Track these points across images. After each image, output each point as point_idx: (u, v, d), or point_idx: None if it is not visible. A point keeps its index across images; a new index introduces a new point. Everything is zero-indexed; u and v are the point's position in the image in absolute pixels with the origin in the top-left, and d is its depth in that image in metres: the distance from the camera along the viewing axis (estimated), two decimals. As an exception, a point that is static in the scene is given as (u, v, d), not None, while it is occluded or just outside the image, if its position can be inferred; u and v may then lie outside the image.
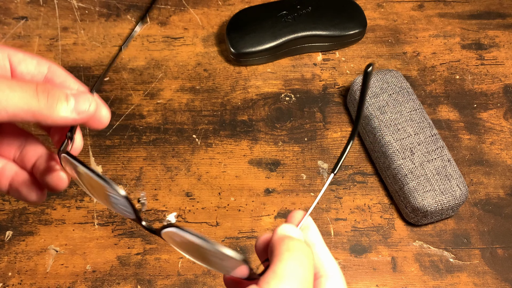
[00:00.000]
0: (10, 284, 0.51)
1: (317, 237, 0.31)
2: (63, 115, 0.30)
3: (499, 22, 0.68)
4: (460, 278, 0.52)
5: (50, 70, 0.34)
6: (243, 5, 0.69)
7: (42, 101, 0.29)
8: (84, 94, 0.32)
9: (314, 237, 0.31)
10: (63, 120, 0.30)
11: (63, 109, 0.30)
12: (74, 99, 0.31)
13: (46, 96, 0.30)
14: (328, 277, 0.30)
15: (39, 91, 0.29)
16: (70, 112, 0.31)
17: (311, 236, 0.31)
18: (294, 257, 0.27)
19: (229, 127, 0.60)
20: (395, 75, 0.59)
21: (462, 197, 0.53)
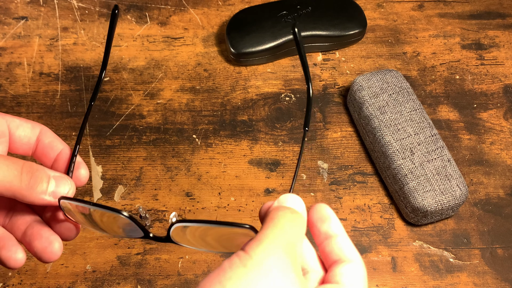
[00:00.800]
0: (10, 284, 0.51)
1: (338, 227, 0.32)
2: (41, 197, 0.33)
3: (499, 22, 0.68)
4: (460, 278, 0.53)
5: (42, 132, 0.37)
6: (243, 5, 0.69)
7: (24, 181, 0.32)
8: (63, 178, 0.34)
9: (335, 227, 0.32)
10: (40, 202, 0.33)
11: (42, 192, 0.33)
12: (55, 183, 0.33)
13: (30, 177, 0.32)
14: (349, 262, 0.31)
15: (23, 171, 0.32)
16: (48, 196, 0.33)
17: (333, 226, 0.32)
18: (276, 223, 0.29)
19: (229, 127, 0.60)
20: (395, 75, 0.59)
21: (462, 197, 0.53)
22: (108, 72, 0.63)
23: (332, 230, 0.32)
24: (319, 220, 0.32)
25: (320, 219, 0.32)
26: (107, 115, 0.60)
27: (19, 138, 0.36)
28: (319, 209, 0.33)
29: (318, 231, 0.33)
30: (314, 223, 0.33)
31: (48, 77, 0.63)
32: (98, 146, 0.59)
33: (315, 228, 0.33)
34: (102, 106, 0.61)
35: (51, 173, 0.34)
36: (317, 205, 0.33)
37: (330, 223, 0.32)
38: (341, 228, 0.33)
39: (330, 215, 0.33)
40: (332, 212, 0.33)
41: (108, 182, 0.56)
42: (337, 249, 0.32)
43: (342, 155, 0.59)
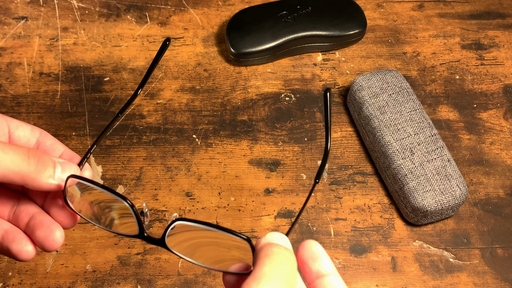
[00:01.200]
0: (10, 284, 0.51)
1: (329, 266, 0.32)
2: (48, 182, 0.33)
3: (499, 22, 0.68)
4: (460, 278, 0.53)
5: (42, 135, 0.38)
6: (243, 5, 0.69)
7: (32, 166, 0.32)
8: (69, 164, 0.35)
9: (326, 266, 0.32)
10: (48, 186, 0.33)
11: (50, 176, 0.33)
12: (61, 167, 0.34)
13: (37, 161, 0.32)
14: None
15: (30, 156, 0.32)
16: (55, 180, 0.33)
17: (324, 265, 0.32)
18: (272, 261, 0.28)
19: (229, 127, 0.60)
20: (395, 75, 0.59)
21: (462, 197, 0.53)
22: (108, 72, 0.63)
23: (323, 269, 0.32)
24: (309, 258, 0.32)
25: (311, 257, 0.32)
26: (107, 115, 0.60)
27: (18, 138, 0.36)
28: (309, 247, 0.32)
29: (309, 269, 0.32)
30: (304, 262, 0.32)
31: (48, 77, 0.63)
32: (98, 146, 0.59)
33: (306, 266, 0.32)
34: (102, 106, 0.61)
35: (56, 159, 0.34)
36: (307, 242, 0.32)
37: (321, 261, 0.32)
38: (332, 266, 0.32)
39: (320, 253, 0.32)
40: (322, 250, 0.32)
41: (108, 182, 0.56)
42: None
43: (342, 155, 0.59)
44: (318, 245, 0.32)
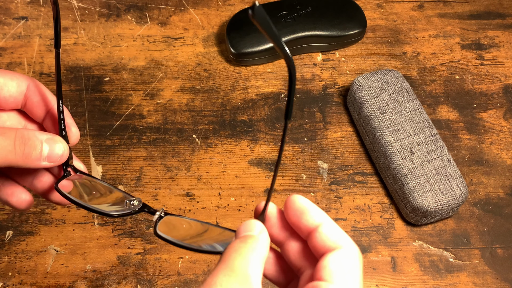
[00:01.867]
0: (10, 284, 0.51)
1: (319, 215, 0.30)
2: (37, 164, 0.34)
3: (499, 22, 0.68)
4: (460, 278, 0.53)
5: (29, 89, 0.37)
6: (243, 5, 0.69)
7: (18, 153, 0.33)
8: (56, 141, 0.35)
9: (316, 216, 0.30)
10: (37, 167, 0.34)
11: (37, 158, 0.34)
12: (49, 146, 0.34)
13: (24, 147, 0.33)
14: (337, 249, 0.29)
15: (16, 142, 0.33)
16: (43, 161, 0.34)
17: (314, 216, 0.30)
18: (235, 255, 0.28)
19: (229, 127, 0.60)
20: (395, 75, 0.59)
21: (462, 197, 0.53)
22: (108, 72, 0.63)
23: (313, 221, 0.30)
24: (296, 215, 0.30)
25: (297, 214, 0.30)
26: (107, 115, 0.61)
27: (4, 99, 0.36)
28: (292, 204, 0.31)
29: (299, 227, 0.30)
30: (292, 221, 0.31)
31: (48, 77, 0.63)
32: (98, 146, 0.59)
33: (295, 225, 0.31)
34: (102, 106, 0.61)
35: (43, 137, 0.34)
36: (289, 199, 0.31)
37: (309, 214, 0.30)
38: (322, 215, 0.30)
39: (306, 206, 0.30)
40: (308, 202, 0.31)
41: (108, 182, 0.56)
42: (323, 239, 0.29)
43: (342, 155, 0.59)
44: (302, 198, 0.31)
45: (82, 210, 0.55)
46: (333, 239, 0.29)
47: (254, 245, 0.29)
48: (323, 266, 0.28)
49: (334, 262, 0.28)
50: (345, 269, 0.28)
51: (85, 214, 0.55)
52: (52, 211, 0.55)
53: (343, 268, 0.28)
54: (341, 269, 0.28)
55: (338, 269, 0.28)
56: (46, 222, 0.54)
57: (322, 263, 0.29)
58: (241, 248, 0.28)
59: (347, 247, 0.29)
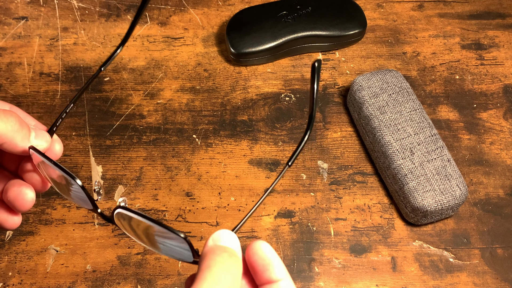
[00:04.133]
0: (10, 284, 0.51)
1: (281, 271, 0.30)
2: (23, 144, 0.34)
3: (499, 22, 0.68)
4: (460, 278, 0.53)
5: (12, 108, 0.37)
6: (243, 5, 0.69)
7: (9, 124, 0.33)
8: (41, 131, 0.36)
9: (278, 272, 0.30)
10: (22, 148, 0.34)
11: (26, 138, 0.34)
12: (35, 133, 0.35)
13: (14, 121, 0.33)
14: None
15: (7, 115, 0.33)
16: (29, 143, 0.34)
17: (276, 271, 0.30)
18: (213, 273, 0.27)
19: (229, 127, 0.60)
20: (395, 75, 0.59)
21: (462, 197, 0.53)
22: (108, 72, 0.63)
23: (275, 275, 0.30)
24: (260, 265, 0.30)
25: (262, 264, 0.30)
26: (107, 115, 0.61)
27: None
28: (259, 251, 0.30)
29: (259, 275, 0.30)
30: (255, 267, 0.30)
31: (48, 77, 0.63)
32: (98, 146, 0.59)
33: (256, 271, 0.30)
34: (102, 106, 0.61)
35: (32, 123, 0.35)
36: (256, 245, 0.31)
37: (273, 267, 0.30)
38: (284, 271, 0.30)
39: (271, 259, 0.30)
40: (273, 254, 0.30)
41: (108, 182, 0.57)
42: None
43: (342, 155, 0.59)
44: (268, 247, 0.31)
45: (82, 210, 0.55)
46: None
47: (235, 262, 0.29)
48: None
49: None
50: None
51: (85, 214, 0.55)
52: (52, 211, 0.55)
53: None
54: None
55: None
56: (46, 222, 0.54)
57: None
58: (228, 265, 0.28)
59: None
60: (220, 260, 0.28)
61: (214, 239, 0.30)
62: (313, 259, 0.53)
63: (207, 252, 0.29)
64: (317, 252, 0.54)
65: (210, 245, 0.29)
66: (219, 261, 0.28)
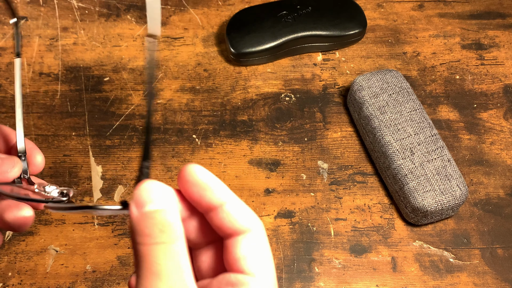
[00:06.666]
0: (10, 284, 0.51)
1: (223, 193, 0.27)
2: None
3: (499, 22, 0.68)
4: (460, 278, 0.52)
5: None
6: (243, 5, 0.69)
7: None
8: (10, 158, 0.34)
9: (220, 194, 0.27)
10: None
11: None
12: (0, 161, 0.34)
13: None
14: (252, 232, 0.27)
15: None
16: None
17: (217, 194, 0.26)
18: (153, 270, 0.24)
19: (229, 127, 0.60)
20: (395, 75, 0.59)
21: (462, 197, 0.53)
22: (108, 72, 0.63)
23: (216, 199, 0.26)
24: (196, 192, 0.26)
25: (198, 191, 0.26)
26: (107, 115, 0.60)
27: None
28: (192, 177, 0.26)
29: (198, 204, 0.27)
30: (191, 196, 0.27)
31: (48, 77, 0.63)
32: (98, 146, 0.59)
33: (193, 200, 0.27)
34: (102, 106, 0.61)
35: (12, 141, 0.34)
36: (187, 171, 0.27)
37: (211, 191, 0.26)
38: (226, 193, 0.27)
39: (209, 182, 0.26)
40: (210, 176, 0.27)
41: (108, 182, 0.56)
42: (229, 221, 0.26)
43: (342, 155, 0.59)
44: (203, 170, 0.27)
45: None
46: (241, 220, 0.26)
47: (173, 233, 0.24)
48: (238, 256, 0.26)
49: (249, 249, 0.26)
50: (261, 256, 0.26)
51: (85, 215, 0.55)
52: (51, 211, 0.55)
53: (259, 255, 0.26)
54: (258, 256, 0.26)
55: (255, 258, 0.26)
56: (46, 222, 0.54)
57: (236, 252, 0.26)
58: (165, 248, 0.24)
59: (257, 229, 0.27)
60: (155, 249, 0.24)
61: (137, 203, 0.25)
62: (313, 259, 0.53)
63: (135, 231, 0.24)
64: (317, 252, 0.53)
65: (135, 215, 0.25)
66: (153, 249, 0.24)
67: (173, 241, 0.24)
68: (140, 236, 0.24)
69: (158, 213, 0.25)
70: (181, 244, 0.25)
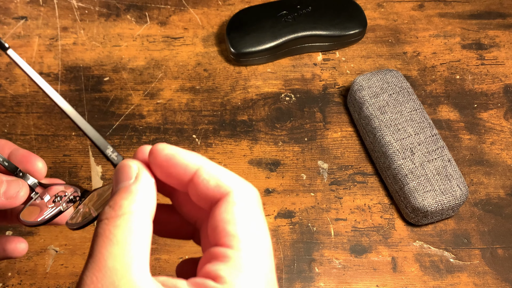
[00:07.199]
0: (10, 284, 0.51)
1: (193, 160, 0.24)
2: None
3: (500, 22, 0.68)
4: (460, 278, 0.52)
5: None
6: (243, 5, 0.69)
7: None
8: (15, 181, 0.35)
9: (190, 162, 0.24)
10: None
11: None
12: (6, 185, 0.34)
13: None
14: (232, 193, 0.24)
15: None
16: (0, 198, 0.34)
17: (187, 163, 0.24)
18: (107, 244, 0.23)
19: (229, 127, 0.60)
20: (395, 75, 0.59)
21: (462, 197, 0.53)
22: (108, 72, 0.63)
23: (186, 169, 0.24)
24: (166, 168, 0.24)
25: (167, 167, 0.24)
26: (106, 115, 0.60)
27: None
28: (158, 156, 0.24)
29: (174, 181, 0.25)
30: (164, 175, 0.25)
31: (47, 77, 0.63)
32: (98, 146, 0.58)
33: (168, 178, 0.25)
34: (101, 106, 0.61)
35: (4, 178, 0.35)
36: (153, 150, 0.25)
37: (178, 162, 0.24)
38: (196, 159, 0.24)
39: (174, 153, 0.24)
40: (175, 149, 0.25)
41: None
42: (202, 188, 0.24)
43: (342, 155, 0.59)
44: (168, 146, 0.25)
45: (82, 210, 0.55)
46: (215, 183, 0.24)
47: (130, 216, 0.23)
48: (215, 226, 0.23)
49: (228, 216, 0.23)
50: (244, 221, 0.23)
51: (84, 214, 0.55)
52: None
53: (242, 221, 0.23)
54: (240, 223, 0.23)
55: (241, 222, 0.23)
56: (46, 222, 0.54)
57: (213, 222, 0.23)
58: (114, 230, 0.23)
59: (238, 189, 0.24)
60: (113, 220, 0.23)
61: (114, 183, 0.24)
62: (313, 260, 0.53)
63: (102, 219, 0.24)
64: (317, 252, 0.53)
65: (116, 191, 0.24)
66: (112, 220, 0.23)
67: (129, 212, 0.23)
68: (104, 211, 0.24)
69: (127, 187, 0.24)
70: (138, 215, 0.23)
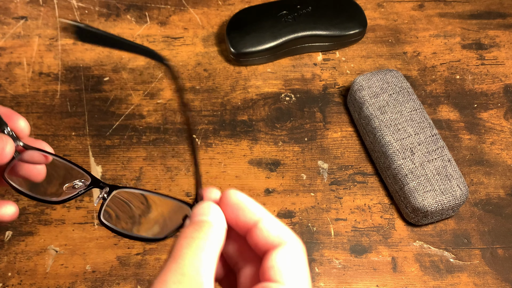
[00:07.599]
0: (10, 284, 0.51)
1: (258, 211, 0.29)
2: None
3: (500, 22, 0.68)
4: (460, 278, 0.52)
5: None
6: (243, 5, 0.69)
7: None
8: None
9: (256, 212, 0.29)
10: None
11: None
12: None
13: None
14: (286, 245, 0.28)
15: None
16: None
17: (253, 211, 0.29)
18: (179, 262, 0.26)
19: (229, 127, 0.60)
20: (395, 75, 0.59)
21: (463, 197, 0.53)
22: (108, 72, 0.63)
23: (252, 216, 0.28)
24: (233, 212, 0.29)
25: (234, 210, 0.29)
26: (106, 115, 0.60)
27: None
28: (228, 200, 0.29)
29: (236, 224, 0.29)
30: (229, 217, 0.29)
31: (47, 77, 0.63)
32: (98, 146, 0.58)
33: (232, 222, 0.29)
34: (101, 106, 0.61)
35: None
36: (224, 195, 0.29)
37: (247, 209, 0.28)
38: (261, 210, 0.29)
39: (243, 201, 0.29)
40: (244, 197, 0.29)
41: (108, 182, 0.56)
42: (265, 235, 0.28)
43: (342, 155, 0.59)
44: (237, 193, 0.29)
45: (82, 211, 0.55)
46: (275, 234, 0.28)
47: (208, 235, 0.27)
48: (271, 266, 0.27)
49: (281, 260, 0.27)
50: (294, 266, 0.27)
51: (84, 215, 0.55)
52: (51, 211, 0.55)
53: (292, 266, 0.27)
54: (290, 267, 0.27)
55: (287, 268, 0.27)
56: (46, 222, 0.54)
57: (269, 263, 0.27)
58: (193, 242, 0.26)
59: (291, 242, 0.28)
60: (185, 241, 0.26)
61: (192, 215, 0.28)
62: (313, 260, 0.53)
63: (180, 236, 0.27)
64: (317, 252, 0.53)
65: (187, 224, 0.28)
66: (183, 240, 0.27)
67: (203, 238, 0.27)
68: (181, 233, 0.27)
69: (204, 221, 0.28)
70: (210, 243, 0.27)
